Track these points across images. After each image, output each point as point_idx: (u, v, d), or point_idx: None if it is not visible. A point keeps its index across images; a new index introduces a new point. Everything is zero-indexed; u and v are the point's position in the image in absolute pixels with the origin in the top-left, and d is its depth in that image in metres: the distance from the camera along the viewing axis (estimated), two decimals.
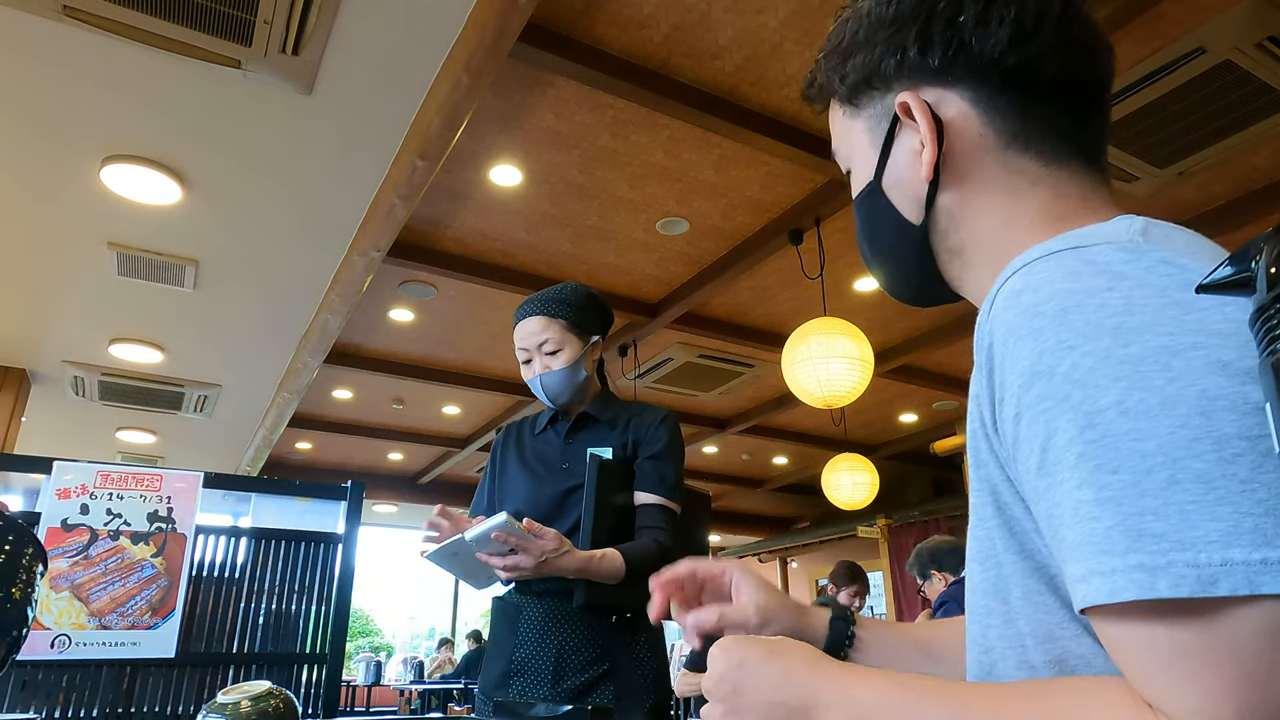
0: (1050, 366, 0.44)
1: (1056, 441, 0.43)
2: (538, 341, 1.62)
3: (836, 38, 0.68)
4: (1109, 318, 0.44)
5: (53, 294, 4.08)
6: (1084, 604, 0.42)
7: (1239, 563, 0.37)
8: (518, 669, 1.50)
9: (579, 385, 1.64)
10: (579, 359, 1.63)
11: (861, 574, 4.07)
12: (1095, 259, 0.47)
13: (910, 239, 0.65)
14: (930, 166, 0.61)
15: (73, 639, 2.15)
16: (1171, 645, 0.39)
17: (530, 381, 1.65)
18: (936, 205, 0.63)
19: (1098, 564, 0.41)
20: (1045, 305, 0.46)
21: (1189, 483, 0.39)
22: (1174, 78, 2.76)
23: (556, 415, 1.71)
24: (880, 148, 0.65)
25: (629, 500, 1.58)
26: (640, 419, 1.64)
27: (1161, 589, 0.38)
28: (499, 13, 2.22)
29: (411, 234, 3.92)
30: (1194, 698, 0.38)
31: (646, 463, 1.60)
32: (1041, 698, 0.45)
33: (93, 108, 2.69)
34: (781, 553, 10.62)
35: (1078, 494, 0.42)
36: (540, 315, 1.63)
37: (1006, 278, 0.50)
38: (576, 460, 1.61)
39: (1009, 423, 0.47)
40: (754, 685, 0.54)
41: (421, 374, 5.73)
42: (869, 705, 0.49)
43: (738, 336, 5.03)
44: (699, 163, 3.40)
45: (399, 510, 10.15)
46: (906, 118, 0.63)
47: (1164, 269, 0.46)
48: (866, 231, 0.70)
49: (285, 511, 3.28)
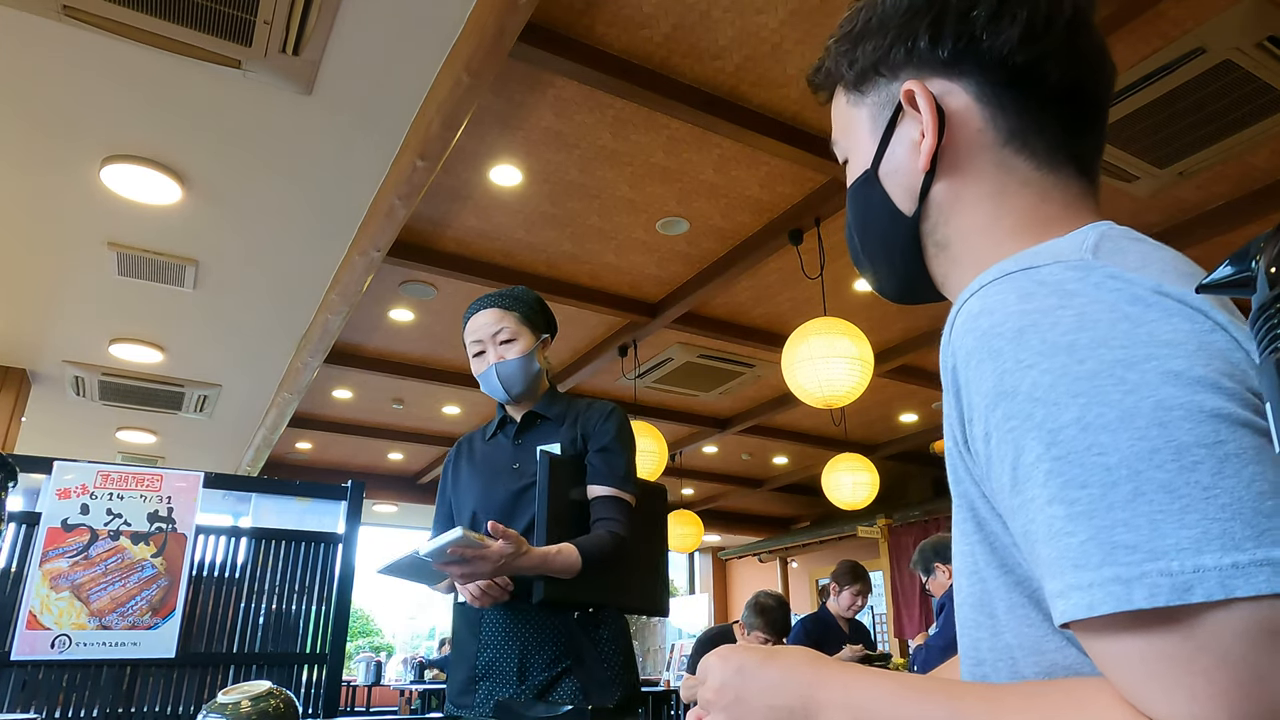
0: (1013, 387, 0.45)
1: (1024, 459, 0.44)
2: (493, 331, 1.66)
3: (849, 24, 0.69)
4: (1063, 335, 0.45)
5: (53, 294, 4.08)
6: (1063, 619, 0.42)
7: (1211, 568, 0.38)
8: (483, 672, 1.52)
9: (533, 376, 1.67)
10: (532, 351, 1.67)
11: (864, 573, 4.07)
12: (1046, 279, 0.48)
13: (901, 229, 0.65)
14: (929, 156, 0.62)
15: (73, 639, 2.15)
16: (1155, 655, 0.39)
17: (483, 374, 1.67)
18: (929, 197, 0.64)
19: (1074, 579, 0.41)
20: (1002, 327, 0.47)
21: (1154, 493, 0.40)
22: (1174, 78, 2.76)
23: (505, 420, 1.74)
24: (880, 135, 0.66)
25: (582, 495, 1.60)
26: (588, 414, 1.67)
27: (1138, 600, 0.39)
28: (499, 13, 2.22)
29: (411, 234, 3.92)
30: (1185, 705, 0.38)
31: (596, 456, 1.62)
32: (1039, 698, 0.45)
33: (93, 108, 2.69)
34: (781, 553, 10.61)
35: (1049, 510, 0.43)
36: (495, 307, 1.68)
37: (964, 300, 0.52)
38: (527, 460, 1.63)
39: (980, 442, 0.48)
40: (755, 690, 0.54)
41: (421, 374, 5.73)
42: (869, 705, 0.49)
43: (738, 336, 5.03)
44: (699, 163, 3.40)
45: (399, 510, 10.15)
46: (910, 106, 0.63)
47: (1112, 284, 0.47)
48: (858, 221, 0.70)
49: (285, 511, 3.28)
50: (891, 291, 0.72)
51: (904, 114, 0.64)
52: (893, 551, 8.41)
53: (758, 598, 3.71)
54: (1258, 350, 0.38)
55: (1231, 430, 0.40)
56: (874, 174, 0.66)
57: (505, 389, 1.66)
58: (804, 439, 7.46)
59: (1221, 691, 0.38)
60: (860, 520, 8.56)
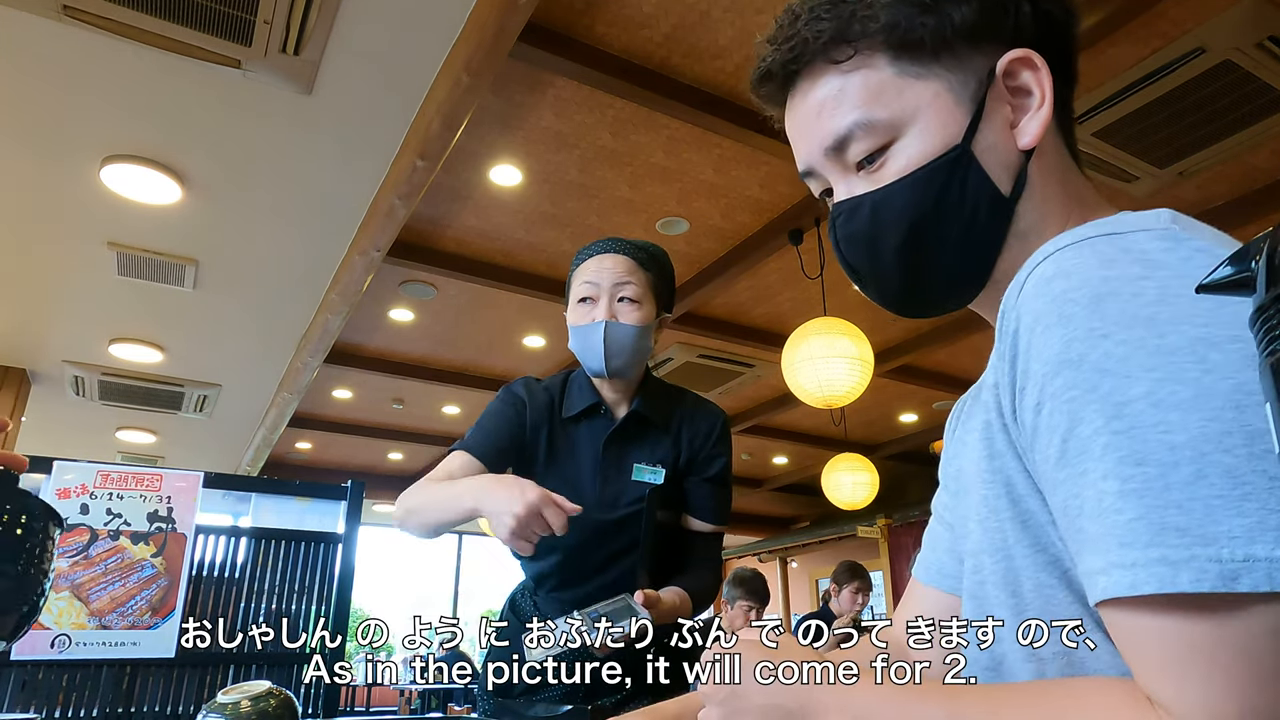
0: (1080, 355, 0.43)
1: (1081, 431, 0.43)
2: (618, 280, 1.32)
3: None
4: (1144, 307, 0.43)
5: (53, 294, 4.08)
6: (1102, 596, 0.41)
7: (1262, 559, 0.37)
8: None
9: (643, 354, 1.36)
10: (652, 324, 1.37)
11: (863, 571, 4.07)
12: (1131, 246, 0.46)
13: (999, 213, 0.59)
14: (1042, 130, 0.58)
15: (73, 639, 2.15)
16: (1182, 641, 0.39)
17: (585, 329, 1.32)
18: (1027, 177, 0.59)
19: (1119, 556, 0.40)
20: (1077, 292, 0.45)
21: (1216, 477, 0.39)
22: (1174, 78, 2.76)
23: (598, 405, 1.38)
24: (973, 109, 0.58)
25: (674, 519, 1.39)
26: (693, 424, 1.40)
27: (1183, 583, 0.38)
28: (499, 13, 2.22)
29: (411, 234, 3.92)
30: (1199, 694, 0.38)
31: (705, 486, 1.38)
32: (1040, 699, 0.45)
33: (93, 108, 2.69)
34: (781, 553, 10.61)
35: (1101, 485, 0.41)
36: (630, 257, 1.35)
37: (1037, 263, 0.49)
38: (620, 483, 1.34)
39: (1029, 411, 0.47)
40: (753, 689, 0.54)
41: (421, 374, 5.73)
42: (867, 706, 0.49)
43: (738, 336, 5.03)
44: (699, 163, 3.40)
45: None
46: (1007, 79, 0.59)
47: (1200, 259, 0.45)
48: (931, 207, 0.59)
49: (285, 511, 3.28)
50: (931, 295, 0.63)
51: (994, 85, 0.59)
52: (892, 552, 8.40)
53: (736, 572, 3.78)
54: (1257, 351, 0.38)
55: None
56: (967, 149, 0.58)
57: (606, 357, 1.31)
58: (804, 439, 7.45)
59: (1238, 685, 0.37)
60: (860, 520, 8.56)
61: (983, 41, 0.59)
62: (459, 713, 6.78)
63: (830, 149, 0.62)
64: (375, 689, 9.56)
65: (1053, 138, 0.60)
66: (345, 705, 9.12)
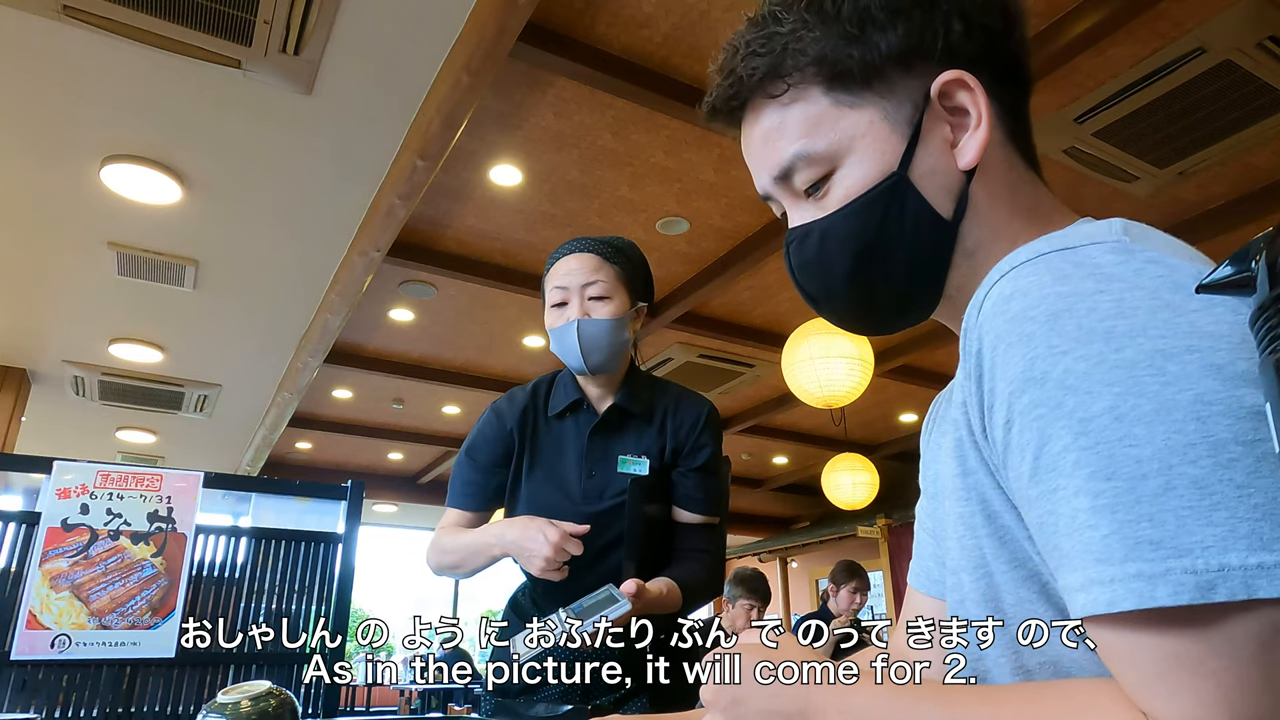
0: (1043, 372, 0.43)
1: (1050, 449, 0.43)
2: (584, 280, 1.36)
3: (819, 10, 0.60)
4: (1100, 321, 0.43)
5: (53, 294, 4.08)
6: (1082, 613, 0.42)
7: (1235, 568, 0.37)
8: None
9: (619, 346, 1.38)
10: (626, 316, 1.39)
11: (860, 570, 4.08)
12: (1085, 260, 0.46)
13: (940, 236, 0.59)
14: (980, 151, 0.58)
15: (73, 639, 2.15)
16: (1166, 654, 0.39)
17: (560, 330, 1.36)
18: (969, 199, 0.59)
19: (1096, 573, 0.40)
20: (1035, 310, 0.45)
21: (1184, 489, 0.39)
22: (1174, 78, 2.76)
23: (581, 402, 1.42)
24: (909, 134, 0.59)
25: (661, 512, 1.40)
26: (678, 415, 1.42)
27: (1161, 597, 0.38)
28: (499, 13, 2.22)
29: (411, 234, 3.92)
30: (1188, 706, 0.38)
31: (691, 477, 1.39)
32: (1036, 701, 0.45)
33: (93, 108, 2.69)
34: (781, 553, 10.61)
35: (1074, 502, 0.42)
36: (594, 254, 1.38)
37: (994, 281, 0.49)
38: (606, 475, 1.37)
39: (999, 429, 0.47)
40: (753, 692, 0.54)
41: (421, 374, 5.73)
42: (865, 709, 0.49)
43: (738, 336, 5.03)
44: (699, 162, 3.40)
45: (399, 510, 10.15)
46: (942, 100, 0.59)
47: (1153, 269, 0.45)
48: (872, 234, 0.60)
49: (285, 511, 3.28)
50: (887, 316, 0.65)
51: (930, 109, 0.59)
52: (892, 551, 8.40)
53: (737, 571, 3.79)
54: (1258, 350, 0.38)
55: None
56: (904, 176, 0.59)
57: (584, 354, 1.35)
58: (804, 439, 7.46)
59: (1225, 695, 0.37)
60: (860, 520, 8.56)
61: (915, 65, 0.59)
62: (459, 713, 6.79)
63: (777, 178, 0.64)
64: (375, 689, 9.56)
65: (1000, 150, 0.60)
66: (345, 705, 9.12)
